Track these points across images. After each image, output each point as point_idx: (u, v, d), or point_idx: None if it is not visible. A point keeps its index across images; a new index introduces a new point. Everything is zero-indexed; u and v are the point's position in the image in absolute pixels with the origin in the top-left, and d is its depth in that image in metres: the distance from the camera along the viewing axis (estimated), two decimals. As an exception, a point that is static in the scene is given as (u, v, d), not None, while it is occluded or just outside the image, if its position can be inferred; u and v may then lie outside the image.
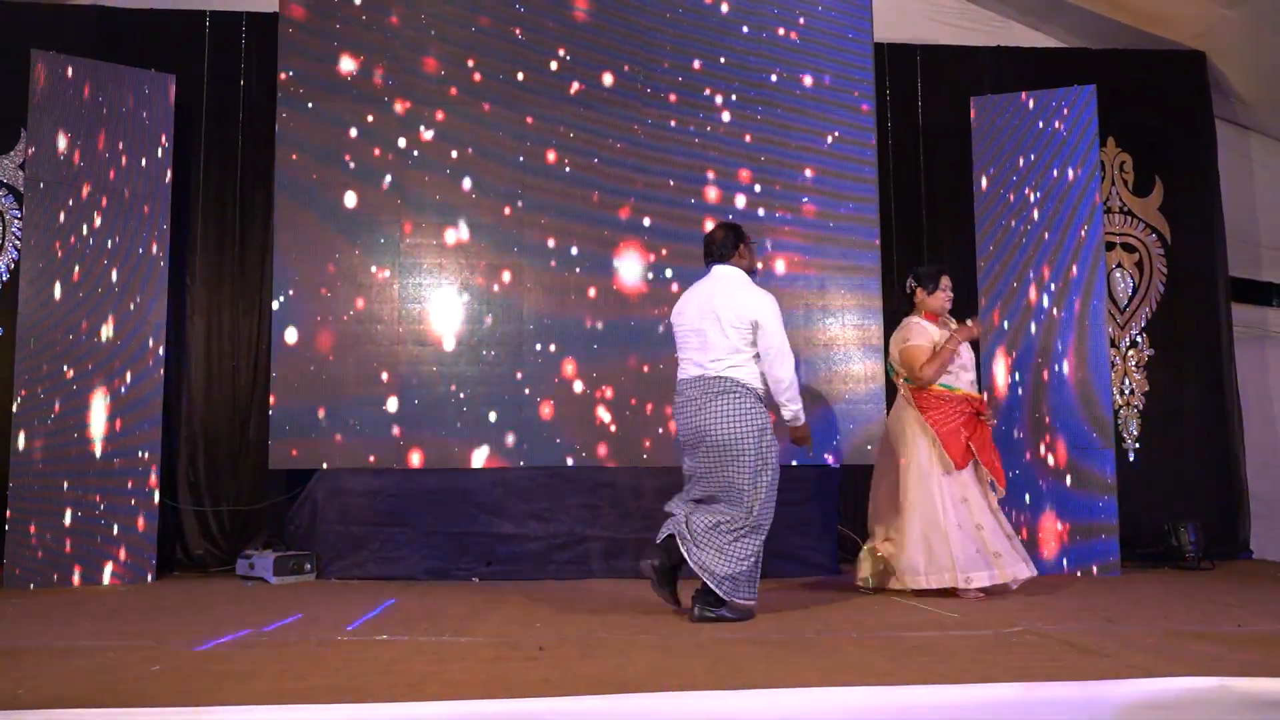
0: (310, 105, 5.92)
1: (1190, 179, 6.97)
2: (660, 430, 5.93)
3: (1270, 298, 7.55)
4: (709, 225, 6.00)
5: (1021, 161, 6.23)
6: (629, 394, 5.95)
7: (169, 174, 5.86)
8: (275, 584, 5.40)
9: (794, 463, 5.74)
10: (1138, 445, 6.76)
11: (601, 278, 6.03)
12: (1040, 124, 6.22)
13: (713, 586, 4.12)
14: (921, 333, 5.01)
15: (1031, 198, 6.18)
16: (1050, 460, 5.96)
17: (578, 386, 5.93)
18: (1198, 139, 7.00)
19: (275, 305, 5.81)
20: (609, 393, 5.94)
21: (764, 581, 5.53)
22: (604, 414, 5.93)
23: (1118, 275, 6.87)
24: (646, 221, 6.08)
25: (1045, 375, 6.03)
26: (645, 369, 5.97)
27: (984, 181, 6.29)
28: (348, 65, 5.97)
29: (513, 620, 4.21)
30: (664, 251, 6.07)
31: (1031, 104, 6.26)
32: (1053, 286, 6.08)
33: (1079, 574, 5.78)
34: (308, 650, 3.46)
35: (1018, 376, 6.09)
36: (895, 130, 6.79)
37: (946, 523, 4.76)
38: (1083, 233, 6.07)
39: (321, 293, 5.84)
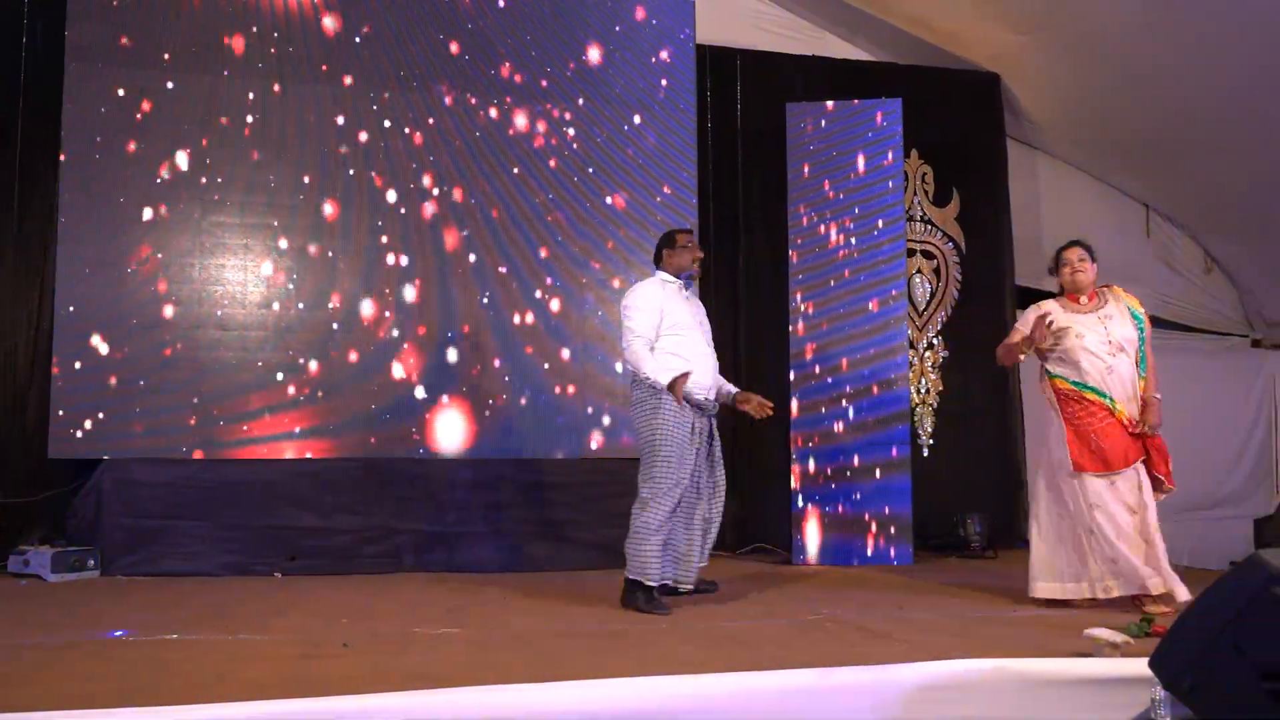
0: (104, 69, 5.52)
1: (984, 192, 7.42)
2: (476, 420, 5.85)
3: (1050, 306, 8.13)
4: (527, 214, 6.04)
5: (831, 169, 6.47)
6: (444, 383, 5.85)
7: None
8: (54, 581, 5.02)
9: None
10: (931, 442, 7.15)
11: (418, 264, 5.89)
12: (851, 133, 6.48)
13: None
14: (1023, 319, 4.85)
15: (841, 203, 6.43)
16: (856, 458, 6.23)
17: (391, 374, 5.78)
18: (991, 155, 7.46)
19: (59, 281, 5.41)
20: (423, 381, 5.82)
21: (578, 573, 5.58)
22: (418, 402, 5.80)
23: (917, 280, 7.24)
24: (461, 210, 5.98)
25: (853, 373, 6.29)
26: (458, 359, 5.88)
27: (797, 186, 6.50)
28: (146, 32, 5.60)
29: (317, 617, 4.07)
30: (479, 239, 5.99)
31: (843, 113, 6.52)
32: (859, 289, 6.35)
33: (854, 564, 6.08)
34: (88, 652, 3.25)
35: (830, 378, 6.33)
36: (715, 130, 6.93)
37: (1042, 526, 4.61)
38: (887, 239, 6.37)
39: (112, 270, 5.47)
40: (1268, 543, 7.53)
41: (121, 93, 5.54)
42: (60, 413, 5.34)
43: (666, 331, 4.53)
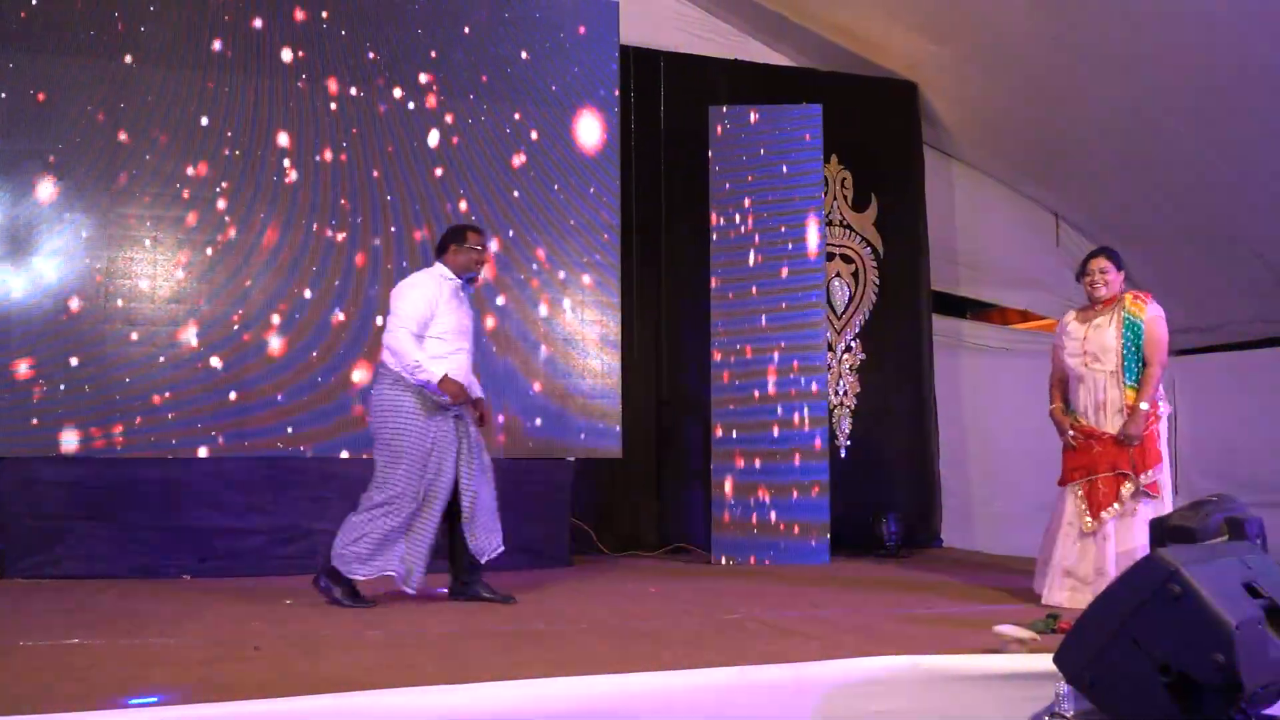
0: (7, 43, 5.31)
1: (901, 198, 7.56)
2: (394, 421, 5.77)
3: (964, 310, 8.34)
4: (446, 213, 5.98)
5: (753, 172, 6.53)
6: (361, 381, 5.75)
7: None
8: (-52, 585, 4.83)
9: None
10: (849, 442, 7.27)
11: (333, 261, 5.78)
12: (772, 137, 6.55)
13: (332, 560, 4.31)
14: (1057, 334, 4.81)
15: (762, 206, 6.50)
16: (775, 459, 6.30)
17: (304, 371, 5.66)
18: (908, 162, 7.61)
19: (-43, 273, 5.20)
20: (337, 379, 5.72)
21: (494, 573, 5.54)
22: (332, 401, 5.69)
23: (836, 284, 7.35)
24: (379, 208, 5.89)
25: (773, 374, 6.36)
26: (372, 356, 5.78)
27: (719, 188, 6.55)
28: (47, 15, 5.39)
29: (228, 619, 3.98)
30: (398, 239, 5.91)
31: (765, 117, 6.58)
32: (779, 291, 6.42)
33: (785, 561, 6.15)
34: (-15, 658, 3.13)
35: (749, 378, 6.39)
36: (638, 132, 6.93)
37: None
38: (807, 243, 6.46)
39: (12, 262, 5.25)
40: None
41: (14, 65, 5.32)
42: (-44, 409, 5.13)
43: (434, 334, 4.35)
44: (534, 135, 6.20)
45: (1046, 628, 3.60)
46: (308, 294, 5.71)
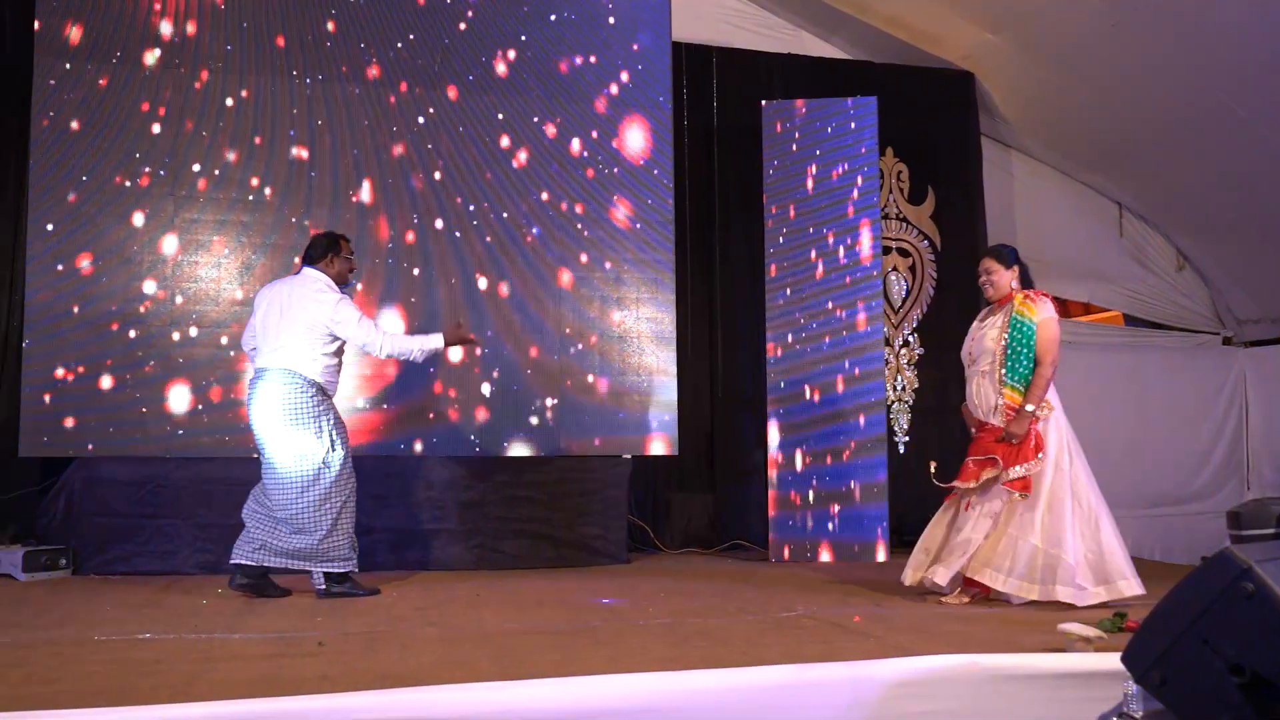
0: (73, 56, 5.45)
1: (958, 190, 7.45)
2: (451, 418, 5.83)
3: (1025, 304, 8.18)
4: (503, 214, 6.02)
5: (808, 166, 6.48)
6: (419, 381, 5.80)
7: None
8: (25, 581, 4.97)
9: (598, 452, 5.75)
10: (907, 438, 7.18)
11: (392, 263, 5.85)
12: (827, 131, 6.49)
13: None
14: None
15: (817, 200, 6.45)
16: (832, 456, 6.25)
17: (364, 372, 5.73)
18: (965, 153, 7.48)
19: (30, 278, 5.34)
20: (398, 379, 5.78)
21: (551, 571, 5.57)
22: (393, 401, 5.76)
23: (893, 278, 7.26)
24: (437, 208, 5.95)
25: (830, 370, 6.31)
26: (433, 357, 5.84)
27: (773, 183, 6.51)
28: (117, 30, 5.52)
29: (291, 615, 4.04)
30: (457, 240, 5.96)
31: (819, 111, 6.53)
32: (835, 286, 6.36)
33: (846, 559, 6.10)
34: (59, 651, 3.21)
35: (806, 376, 6.34)
36: (691, 129, 6.92)
37: None
38: (863, 237, 6.39)
39: (82, 265, 5.40)
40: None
41: (89, 75, 5.45)
42: (31, 411, 5.27)
43: (334, 349, 4.53)
44: (594, 134, 6.21)
45: (1113, 626, 3.52)
46: (365, 296, 5.78)
